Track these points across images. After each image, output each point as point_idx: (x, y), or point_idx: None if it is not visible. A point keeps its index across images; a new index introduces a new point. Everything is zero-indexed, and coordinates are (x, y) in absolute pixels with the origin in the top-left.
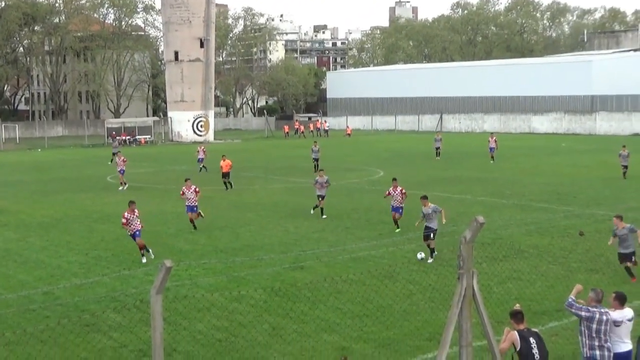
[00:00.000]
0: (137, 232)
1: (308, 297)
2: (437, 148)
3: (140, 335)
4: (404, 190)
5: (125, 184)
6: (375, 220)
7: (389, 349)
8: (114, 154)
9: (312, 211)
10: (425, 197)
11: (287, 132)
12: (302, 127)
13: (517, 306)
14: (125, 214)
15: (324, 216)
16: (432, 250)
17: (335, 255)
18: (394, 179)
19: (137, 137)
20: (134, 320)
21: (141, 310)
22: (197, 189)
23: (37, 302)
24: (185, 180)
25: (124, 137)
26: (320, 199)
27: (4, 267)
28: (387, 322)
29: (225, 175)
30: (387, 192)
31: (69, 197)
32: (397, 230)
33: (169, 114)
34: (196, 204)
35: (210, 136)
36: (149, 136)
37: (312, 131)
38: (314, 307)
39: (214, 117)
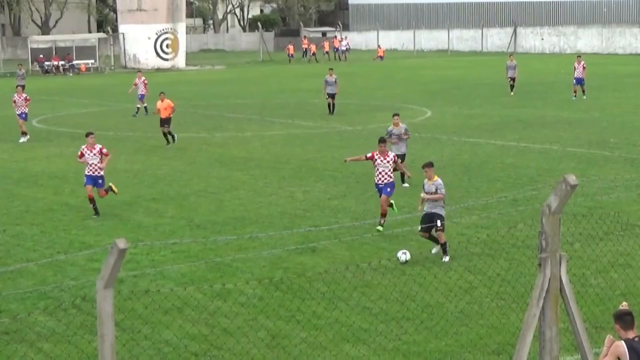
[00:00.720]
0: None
1: (322, 293)
2: (511, 78)
3: (81, 346)
4: (396, 158)
5: (25, 134)
6: (420, 180)
7: None
8: (18, 86)
9: (403, 184)
10: (430, 165)
11: (292, 55)
12: (313, 47)
13: (625, 305)
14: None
15: (405, 184)
16: (443, 246)
17: (362, 232)
18: (382, 141)
19: (75, 62)
20: (73, 325)
21: (83, 312)
22: (103, 150)
23: None
24: (87, 135)
25: (55, 62)
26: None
27: None
28: (436, 329)
29: (165, 122)
30: (370, 154)
31: None
32: (379, 228)
33: (121, 28)
34: (101, 173)
35: (180, 60)
36: (92, 61)
37: (327, 53)
38: (331, 307)
39: (186, 33)
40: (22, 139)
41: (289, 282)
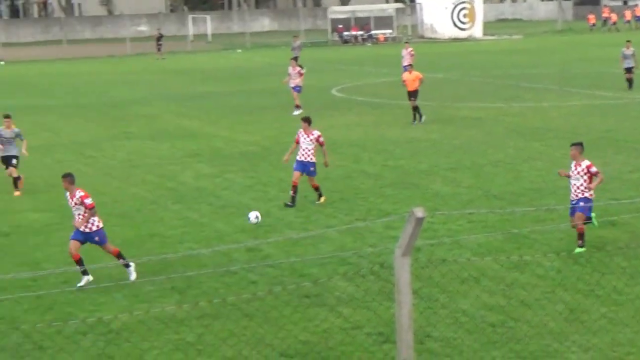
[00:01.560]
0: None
1: (623, 268)
2: None
3: (379, 312)
4: (591, 167)
5: (299, 107)
6: None
7: None
8: (292, 58)
9: None
10: (579, 145)
11: (593, 24)
12: (614, 17)
13: None
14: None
15: None
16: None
17: None
18: (575, 144)
19: (373, 32)
20: (371, 291)
21: (381, 279)
22: (320, 138)
23: (239, 262)
24: (304, 120)
25: (354, 33)
26: None
27: (196, 212)
28: None
29: (412, 95)
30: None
31: (280, 117)
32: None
33: None
34: (313, 160)
35: (476, 30)
36: (390, 31)
37: (628, 22)
38: (632, 283)
39: (483, 3)
40: (296, 112)
41: (588, 256)
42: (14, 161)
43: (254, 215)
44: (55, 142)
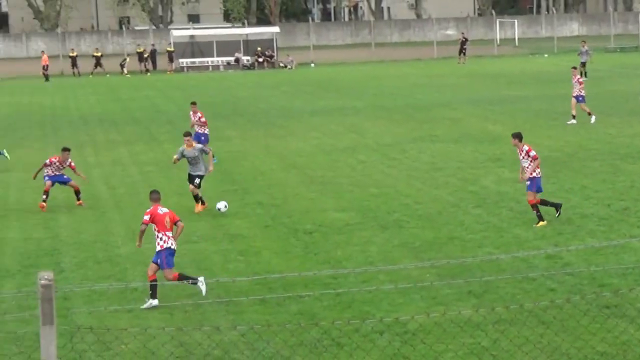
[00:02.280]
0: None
1: None
2: None
3: None
4: None
5: (590, 114)
6: None
7: None
8: (578, 65)
9: None
10: None
11: None
12: None
13: None
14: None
15: None
16: None
17: None
18: None
19: None
20: None
21: None
22: (530, 152)
23: (538, 269)
24: (513, 138)
25: None
26: None
27: (496, 216)
28: None
29: None
30: None
31: (584, 124)
32: None
33: None
34: (530, 174)
35: None
36: None
37: None
38: None
39: None
40: (592, 119)
41: None
42: (197, 181)
43: (222, 205)
44: (360, 143)
